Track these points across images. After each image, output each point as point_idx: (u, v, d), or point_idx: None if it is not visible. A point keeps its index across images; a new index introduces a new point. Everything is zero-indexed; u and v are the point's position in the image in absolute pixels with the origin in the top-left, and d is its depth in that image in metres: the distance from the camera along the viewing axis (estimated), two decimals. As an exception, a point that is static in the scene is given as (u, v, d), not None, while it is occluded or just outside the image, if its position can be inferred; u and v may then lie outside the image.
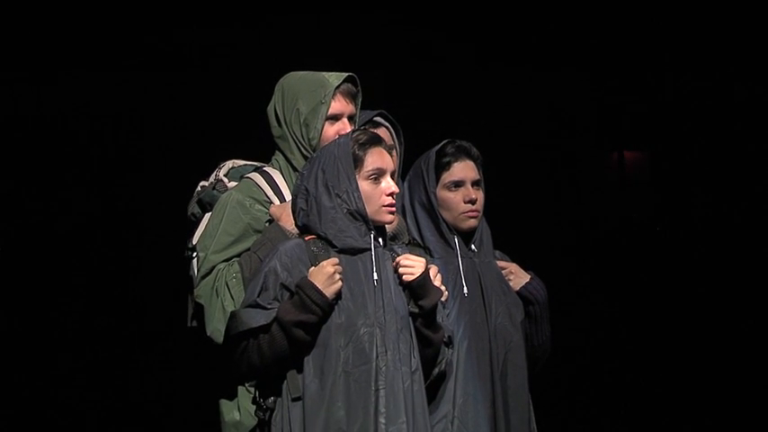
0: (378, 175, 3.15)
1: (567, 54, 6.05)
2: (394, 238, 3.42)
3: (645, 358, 6.15)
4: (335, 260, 3.07)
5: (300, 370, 3.07)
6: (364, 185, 3.13)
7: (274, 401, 3.11)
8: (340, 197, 3.12)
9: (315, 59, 3.68)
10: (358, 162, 3.14)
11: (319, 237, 3.15)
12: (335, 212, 3.12)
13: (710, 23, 5.99)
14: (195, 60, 5.57)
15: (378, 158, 3.15)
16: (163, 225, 4.90)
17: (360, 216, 3.12)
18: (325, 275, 3.04)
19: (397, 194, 3.22)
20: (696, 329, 6.16)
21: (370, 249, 3.13)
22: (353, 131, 3.23)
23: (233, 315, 3.11)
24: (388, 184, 3.15)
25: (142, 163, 5.56)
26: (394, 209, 3.16)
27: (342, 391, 3.04)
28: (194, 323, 3.49)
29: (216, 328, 3.32)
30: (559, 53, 6.04)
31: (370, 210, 3.12)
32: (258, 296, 3.07)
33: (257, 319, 3.05)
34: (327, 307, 3.05)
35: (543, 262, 3.84)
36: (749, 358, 6.05)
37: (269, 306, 3.06)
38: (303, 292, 3.04)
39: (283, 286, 3.07)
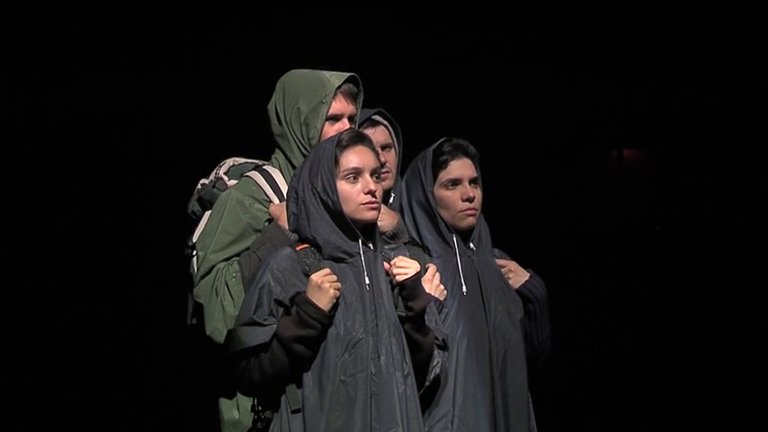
0: (355, 175, 3.14)
1: (567, 52, 6.05)
2: (393, 237, 3.42)
3: (644, 357, 6.16)
4: (327, 271, 3.07)
5: (300, 383, 3.08)
6: (342, 186, 3.13)
7: (272, 413, 3.13)
8: (322, 200, 3.13)
9: (316, 58, 3.67)
10: (336, 163, 3.14)
11: (310, 243, 3.15)
12: (322, 219, 3.13)
13: (710, 22, 5.99)
14: (195, 58, 5.57)
15: (354, 158, 3.15)
16: (163, 223, 4.91)
17: (344, 220, 3.12)
18: (319, 288, 3.04)
19: (394, 193, 3.21)
20: (696, 328, 6.17)
21: (360, 256, 3.13)
22: (340, 133, 3.23)
23: (230, 334, 3.12)
24: (366, 182, 3.15)
25: (143, 160, 5.57)
26: (374, 206, 3.15)
27: (340, 401, 3.05)
28: (194, 321, 3.50)
29: (215, 327, 3.33)
30: (559, 52, 6.04)
31: (348, 209, 3.12)
32: (254, 313, 3.07)
33: (256, 337, 3.05)
34: (325, 319, 3.05)
35: (542, 260, 3.84)
36: (749, 358, 6.05)
37: (266, 323, 3.07)
38: (299, 308, 3.05)
39: (277, 302, 3.08)
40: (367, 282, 3.12)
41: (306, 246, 3.16)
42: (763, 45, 6.00)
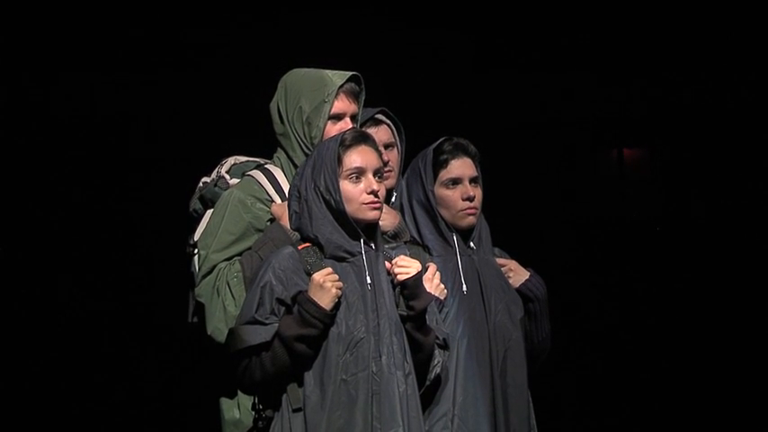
0: (357, 175, 3.15)
1: (567, 52, 6.06)
2: (395, 236, 3.43)
3: (644, 356, 6.16)
4: (329, 270, 3.08)
5: (301, 382, 3.09)
6: (345, 185, 3.14)
7: (273, 412, 3.13)
8: (325, 199, 3.13)
9: (317, 57, 3.68)
10: (339, 162, 3.15)
11: (312, 242, 3.16)
12: (324, 218, 3.13)
13: (709, 21, 6.00)
14: (197, 57, 5.57)
15: (357, 158, 3.15)
16: (164, 221, 4.91)
17: (346, 219, 3.13)
18: (320, 287, 3.04)
19: (396, 192, 3.21)
20: (696, 328, 6.17)
21: (362, 255, 3.14)
22: (343, 132, 3.23)
23: (231, 332, 3.13)
24: (369, 182, 3.15)
25: (144, 159, 5.57)
26: (377, 205, 3.16)
27: (341, 400, 3.05)
28: (195, 319, 3.50)
29: (216, 327, 3.32)
30: (559, 52, 6.05)
31: (350, 209, 3.12)
32: (256, 312, 3.08)
33: (257, 335, 3.06)
34: (327, 318, 3.06)
35: (543, 259, 3.85)
36: (749, 357, 6.05)
37: (267, 321, 3.07)
38: (301, 307, 3.05)
39: (279, 300, 3.08)
40: (368, 281, 3.13)
41: (307, 245, 3.16)
42: (763, 45, 6.00)
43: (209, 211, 3.53)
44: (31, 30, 5.35)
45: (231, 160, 3.64)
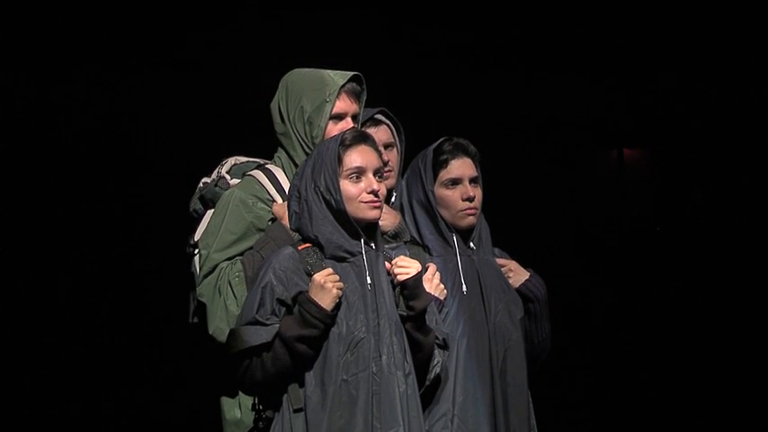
0: (357, 174, 3.15)
1: (567, 52, 6.06)
2: (395, 236, 3.43)
3: (644, 356, 6.16)
4: (329, 270, 3.08)
5: (302, 383, 3.09)
6: (345, 185, 3.14)
7: (273, 412, 3.13)
8: (325, 199, 3.13)
9: (318, 57, 3.68)
10: (339, 162, 3.15)
11: (312, 242, 3.16)
12: (324, 218, 3.14)
13: (709, 21, 6.00)
14: (197, 57, 5.58)
15: (357, 157, 3.15)
16: (165, 221, 4.91)
17: (346, 219, 3.13)
18: (321, 288, 3.04)
19: (396, 192, 3.21)
20: (696, 327, 6.17)
21: (362, 255, 3.14)
22: (343, 132, 3.23)
23: (232, 333, 3.13)
24: (369, 181, 3.16)
25: (145, 159, 5.57)
26: (377, 205, 3.16)
27: (342, 400, 3.05)
28: (195, 320, 3.50)
29: (218, 326, 3.32)
30: (559, 52, 6.05)
31: (350, 208, 3.12)
32: (256, 312, 3.08)
33: (258, 336, 3.06)
34: (328, 319, 3.06)
35: (542, 259, 3.85)
36: (749, 357, 6.05)
37: (268, 322, 3.08)
38: (302, 308, 3.05)
39: (280, 301, 3.09)
40: (369, 281, 3.13)
41: (308, 245, 3.16)
42: (762, 45, 6.00)
43: (210, 212, 3.53)
44: (30, 29, 5.35)
45: (232, 160, 3.64)
